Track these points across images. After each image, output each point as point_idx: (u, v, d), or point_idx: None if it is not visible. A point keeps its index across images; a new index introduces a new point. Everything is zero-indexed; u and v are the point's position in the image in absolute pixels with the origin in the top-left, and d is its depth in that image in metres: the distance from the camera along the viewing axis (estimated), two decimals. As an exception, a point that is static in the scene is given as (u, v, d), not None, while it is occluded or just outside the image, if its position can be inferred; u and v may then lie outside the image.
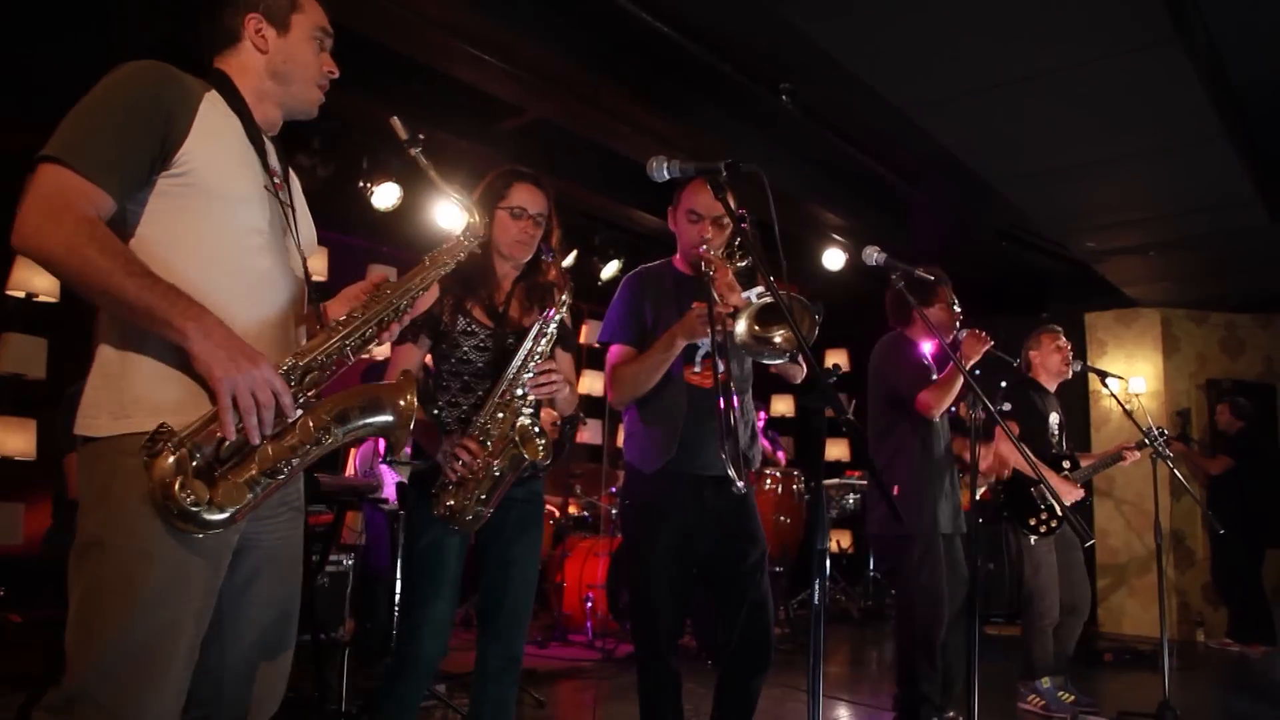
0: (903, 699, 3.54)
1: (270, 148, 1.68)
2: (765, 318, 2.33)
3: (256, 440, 1.41)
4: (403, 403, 1.58)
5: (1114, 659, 5.84)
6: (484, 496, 2.27)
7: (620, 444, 2.97)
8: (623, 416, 2.81)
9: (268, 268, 1.60)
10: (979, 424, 2.77)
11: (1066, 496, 4.29)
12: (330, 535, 4.10)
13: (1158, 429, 4.45)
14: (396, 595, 3.51)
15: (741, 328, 2.30)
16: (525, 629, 2.49)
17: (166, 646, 1.40)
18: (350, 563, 4.52)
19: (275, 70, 1.66)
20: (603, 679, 4.60)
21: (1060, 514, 4.28)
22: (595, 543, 5.75)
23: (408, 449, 2.58)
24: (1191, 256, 6.09)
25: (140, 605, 1.38)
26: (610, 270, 7.42)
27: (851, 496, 7.44)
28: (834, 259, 7.25)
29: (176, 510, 1.36)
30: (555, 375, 2.35)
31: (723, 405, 2.42)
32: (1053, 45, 3.49)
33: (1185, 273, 6.46)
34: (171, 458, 1.35)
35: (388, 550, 4.77)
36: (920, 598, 3.44)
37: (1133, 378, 7.49)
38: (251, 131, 1.63)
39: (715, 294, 2.43)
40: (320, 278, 6.39)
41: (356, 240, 6.55)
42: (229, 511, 1.40)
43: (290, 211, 1.68)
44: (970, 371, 3.52)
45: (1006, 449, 4.27)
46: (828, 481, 7.19)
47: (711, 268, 2.50)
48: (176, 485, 1.35)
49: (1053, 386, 4.59)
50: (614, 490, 6.12)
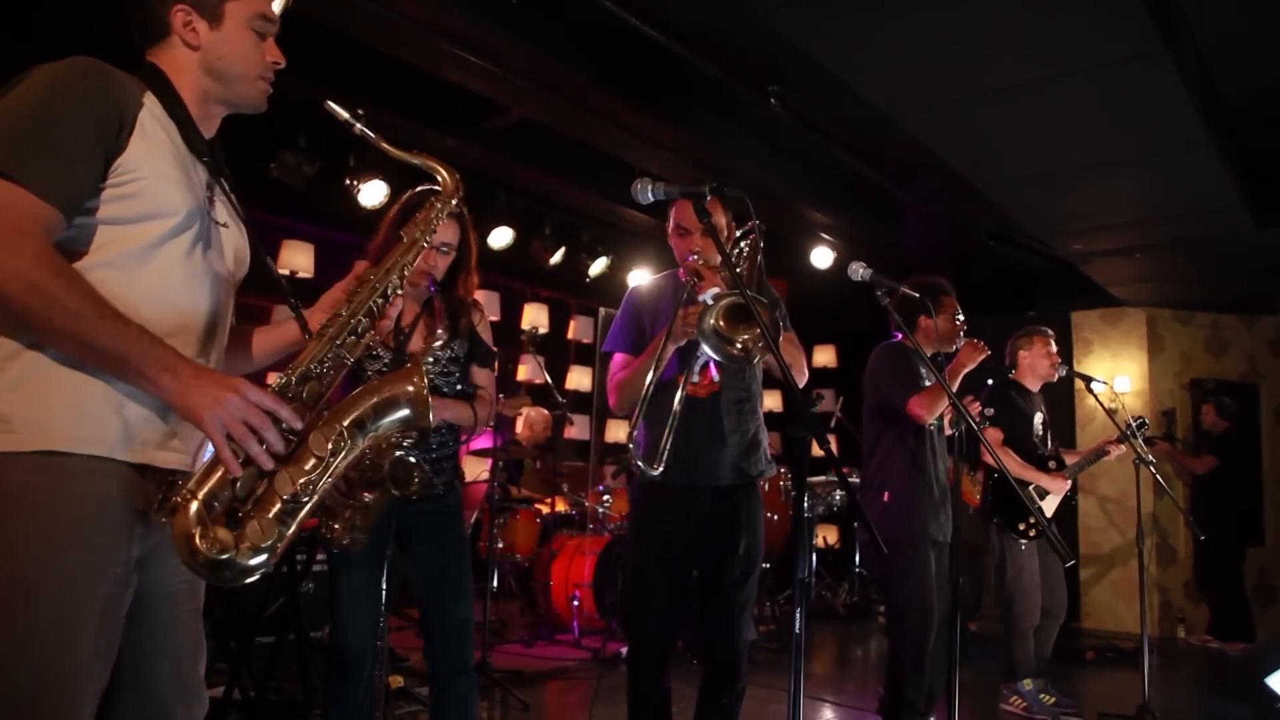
0: (888, 703, 3.56)
1: (210, 150, 1.56)
2: (733, 320, 2.33)
3: (268, 465, 1.32)
4: (412, 388, 1.51)
5: (1095, 657, 5.89)
6: (359, 522, 2.30)
7: (606, 440, 3.00)
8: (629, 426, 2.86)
9: (193, 289, 1.49)
10: (962, 440, 2.76)
11: (1054, 489, 4.31)
12: (313, 538, 4.09)
13: (1136, 419, 4.47)
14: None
15: (707, 328, 2.30)
16: (469, 635, 2.57)
17: (71, 689, 1.28)
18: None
19: (210, 67, 1.51)
20: (589, 680, 4.60)
21: (1047, 520, 4.31)
22: (582, 541, 5.75)
23: None
24: (1177, 259, 6.12)
25: (29, 643, 1.26)
26: (598, 267, 7.41)
27: (838, 493, 7.45)
28: (822, 257, 7.27)
29: (205, 563, 1.27)
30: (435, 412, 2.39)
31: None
32: (1041, 55, 3.49)
33: (1171, 274, 6.49)
34: (190, 510, 1.27)
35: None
36: (910, 605, 3.46)
37: (1118, 377, 7.54)
38: (189, 137, 1.51)
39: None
40: (307, 274, 6.36)
41: (343, 236, 6.50)
42: (264, 551, 1.31)
43: (219, 228, 1.56)
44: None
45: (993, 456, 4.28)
46: (814, 479, 7.20)
47: (698, 277, 2.52)
48: (197, 537, 1.27)
49: (1035, 388, 4.60)
50: (601, 488, 6.12)
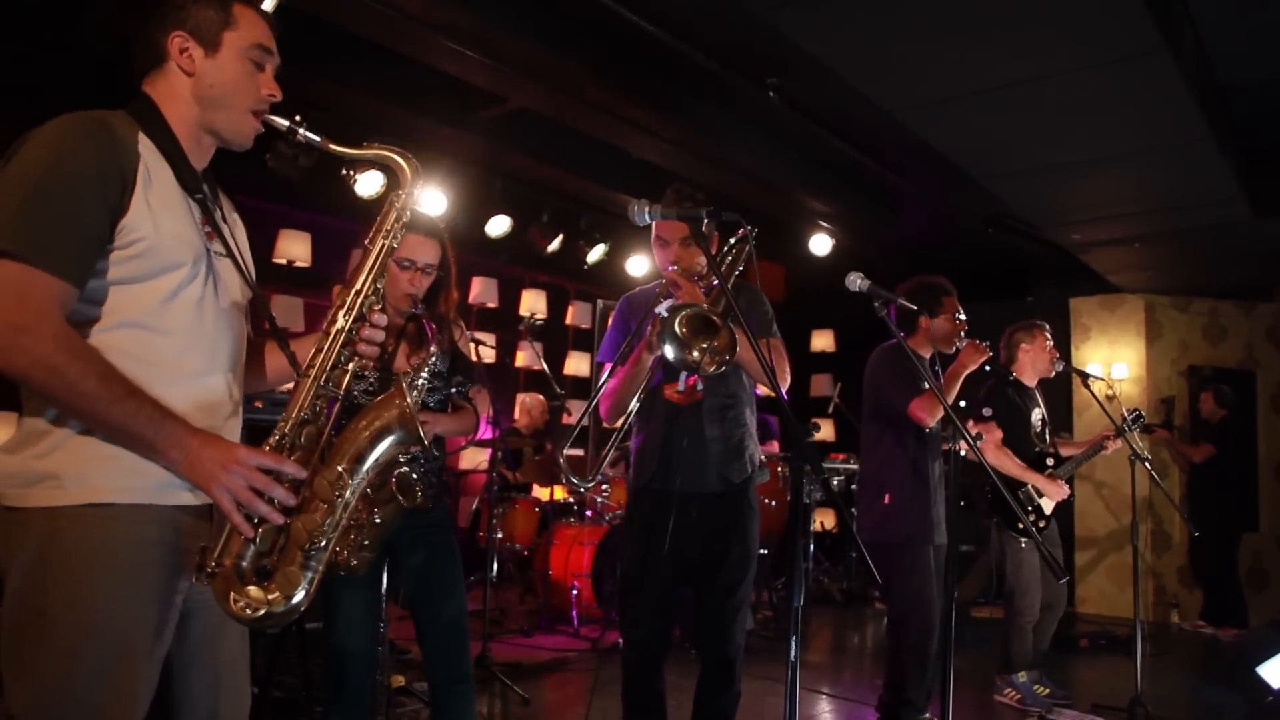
0: (887, 701, 3.60)
1: (202, 185, 1.55)
2: (696, 330, 2.33)
3: (279, 521, 1.40)
4: (398, 410, 1.54)
5: (1090, 645, 5.95)
6: (366, 542, 2.31)
7: (605, 428, 3.01)
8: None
9: (211, 326, 1.52)
10: (958, 452, 2.77)
11: (1054, 496, 4.32)
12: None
13: (1132, 412, 4.47)
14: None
15: (665, 338, 2.29)
16: (465, 644, 2.63)
17: (116, 716, 1.38)
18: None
19: (202, 95, 1.50)
20: (588, 671, 4.64)
21: (1047, 515, 4.33)
22: (581, 531, 5.77)
23: None
24: (1175, 248, 6.12)
25: (89, 679, 1.35)
26: (595, 254, 7.39)
27: (836, 480, 7.49)
28: (821, 245, 7.26)
29: (247, 621, 1.39)
30: (428, 429, 2.42)
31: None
32: (1040, 53, 3.46)
33: (1169, 262, 6.49)
34: (222, 578, 1.38)
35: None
36: (913, 606, 3.48)
37: (1116, 363, 7.56)
38: (182, 175, 1.50)
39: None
40: (304, 264, 6.35)
41: (340, 223, 6.48)
42: (296, 597, 1.40)
43: (221, 259, 1.57)
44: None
45: (993, 456, 4.29)
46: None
47: (675, 287, 2.54)
48: (233, 602, 1.38)
49: (1033, 383, 4.58)
50: (600, 477, 6.13)
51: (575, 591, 5.60)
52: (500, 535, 5.91)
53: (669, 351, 2.27)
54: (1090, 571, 7.57)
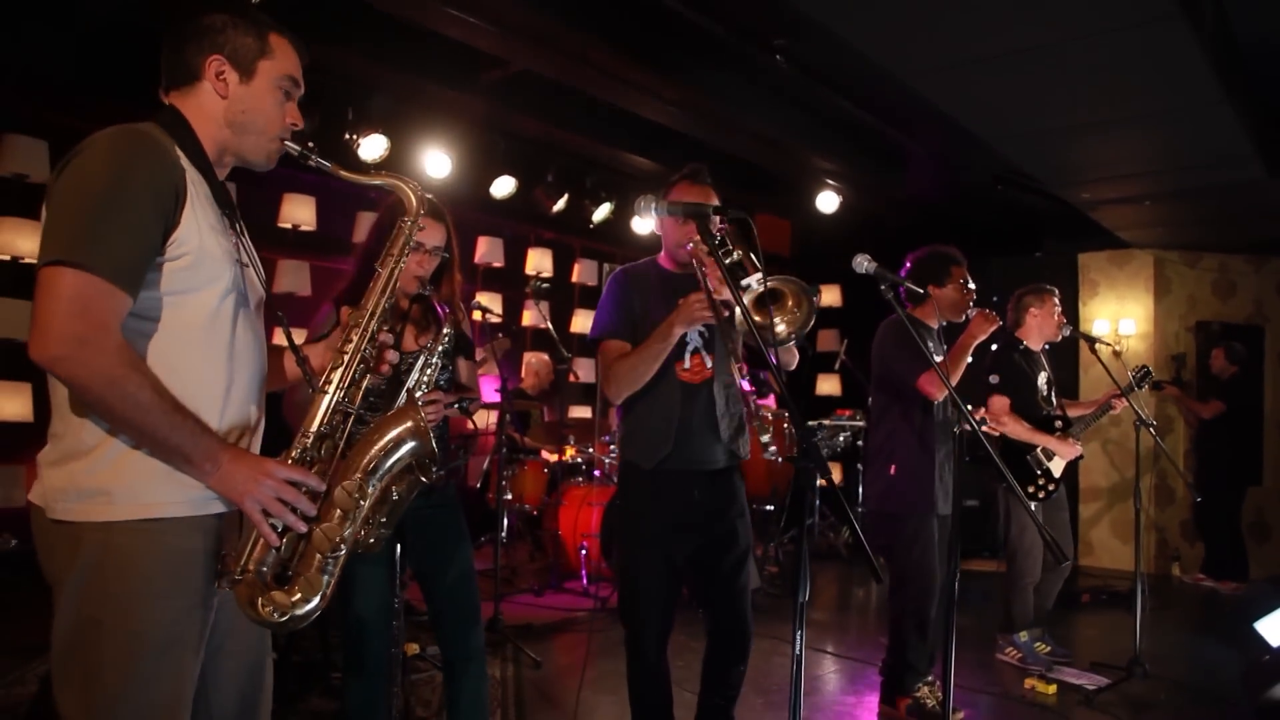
0: (890, 665, 3.69)
1: (229, 199, 1.61)
2: (762, 306, 2.35)
3: (303, 529, 1.47)
4: (413, 424, 1.63)
5: (1091, 599, 6.04)
6: (384, 520, 2.35)
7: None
8: (617, 417, 2.86)
9: (243, 337, 1.58)
10: (965, 435, 2.78)
11: (1066, 455, 4.34)
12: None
13: (1139, 370, 4.47)
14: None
15: (739, 315, 2.32)
16: (477, 621, 2.68)
17: (178, 715, 1.46)
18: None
19: (233, 119, 1.57)
20: (599, 631, 4.74)
21: (1055, 485, 4.36)
22: (589, 491, 5.83)
23: None
24: (1187, 206, 6.05)
25: (143, 682, 1.42)
26: (601, 213, 7.35)
27: (842, 435, 7.52)
28: (828, 202, 7.21)
29: (268, 623, 1.45)
30: (440, 405, 2.47)
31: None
32: (1052, 19, 3.39)
33: (1179, 219, 6.42)
34: (247, 584, 1.45)
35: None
36: (913, 574, 3.54)
37: (1123, 319, 7.54)
38: (215, 191, 1.56)
39: (710, 285, 2.42)
40: (309, 227, 6.33)
41: (345, 186, 6.44)
42: (315, 600, 1.48)
43: (249, 271, 1.63)
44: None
45: (1002, 423, 4.31)
46: (815, 423, 7.27)
47: (703, 263, 2.50)
48: (259, 606, 1.44)
49: (1039, 347, 4.57)
50: (607, 438, 6.19)
51: (584, 551, 5.69)
52: (510, 496, 5.99)
53: (787, 326, 2.27)
54: (1093, 525, 7.65)
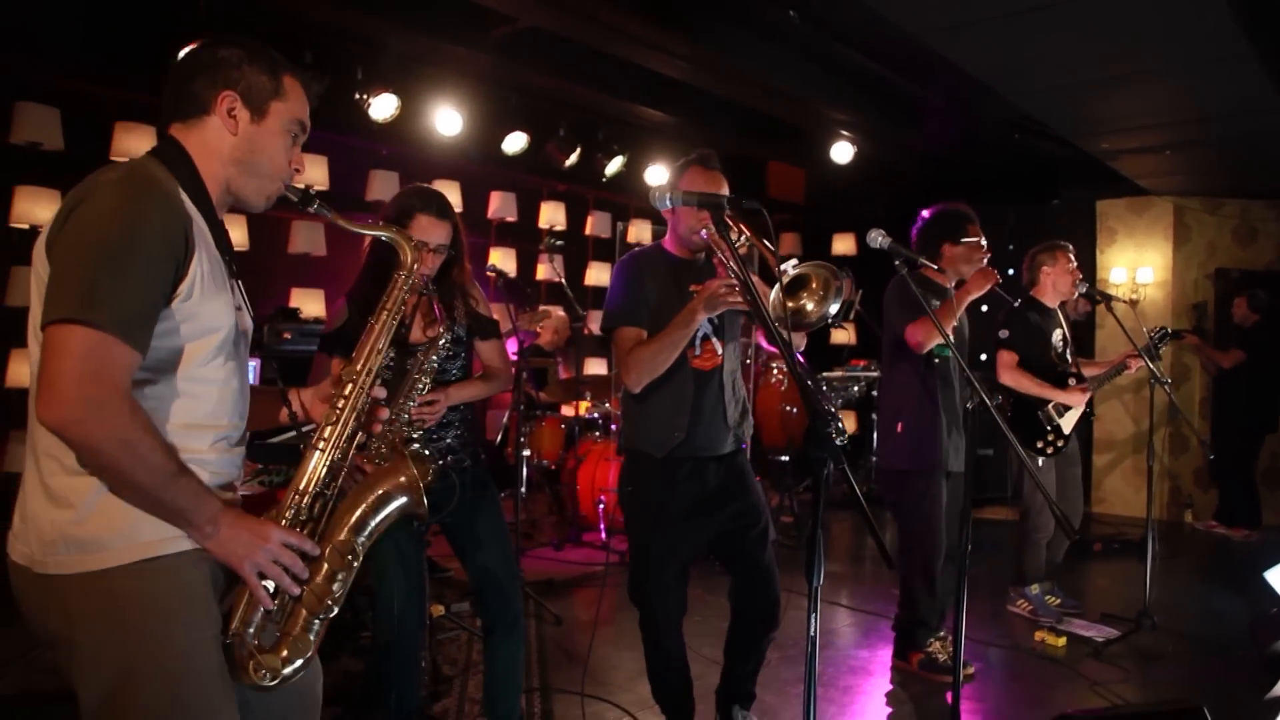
0: (902, 621, 3.78)
1: (228, 242, 1.56)
2: (790, 290, 2.37)
3: (296, 592, 1.47)
4: (404, 479, 1.63)
5: (1103, 549, 6.11)
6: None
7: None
8: (623, 405, 2.88)
9: (235, 384, 1.54)
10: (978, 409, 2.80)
11: (1076, 403, 4.35)
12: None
13: (1158, 331, 4.46)
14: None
15: (773, 300, 2.33)
16: (517, 586, 2.76)
17: None
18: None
19: (240, 159, 1.51)
20: (617, 585, 4.85)
21: (1064, 441, 4.38)
22: (607, 447, 5.90)
23: None
24: (1209, 154, 5.94)
25: (199, 715, 1.40)
26: (614, 166, 7.30)
27: (856, 386, 7.55)
28: (842, 152, 7.14)
29: (260, 688, 1.45)
30: (438, 407, 2.51)
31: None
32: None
33: (1201, 167, 6.32)
34: (238, 650, 1.44)
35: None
36: (920, 531, 3.61)
37: (1141, 268, 7.48)
38: (217, 235, 1.51)
39: (732, 269, 2.41)
40: (322, 186, 6.32)
41: (355, 141, 6.43)
42: (300, 660, 1.48)
43: (242, 313, 1.58)
44: (978, 301, 3.55)
45: (1010, 378, 4.33)
46: (830, 374, 7.30)
47: (719, 248, 2.50)
48: (251, 669, 1.44)
49: (1054, 304, 4.56)
50: (621, 393, 6.23)
51: (602, 506, 5.79)
52: (528, 452, 6.08)
53: (782, 313, 2.28)
54: (1107, 474, 7.69)
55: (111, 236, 1.31)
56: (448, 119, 6.03)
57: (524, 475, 5.36)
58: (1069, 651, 4.04)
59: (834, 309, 2.36)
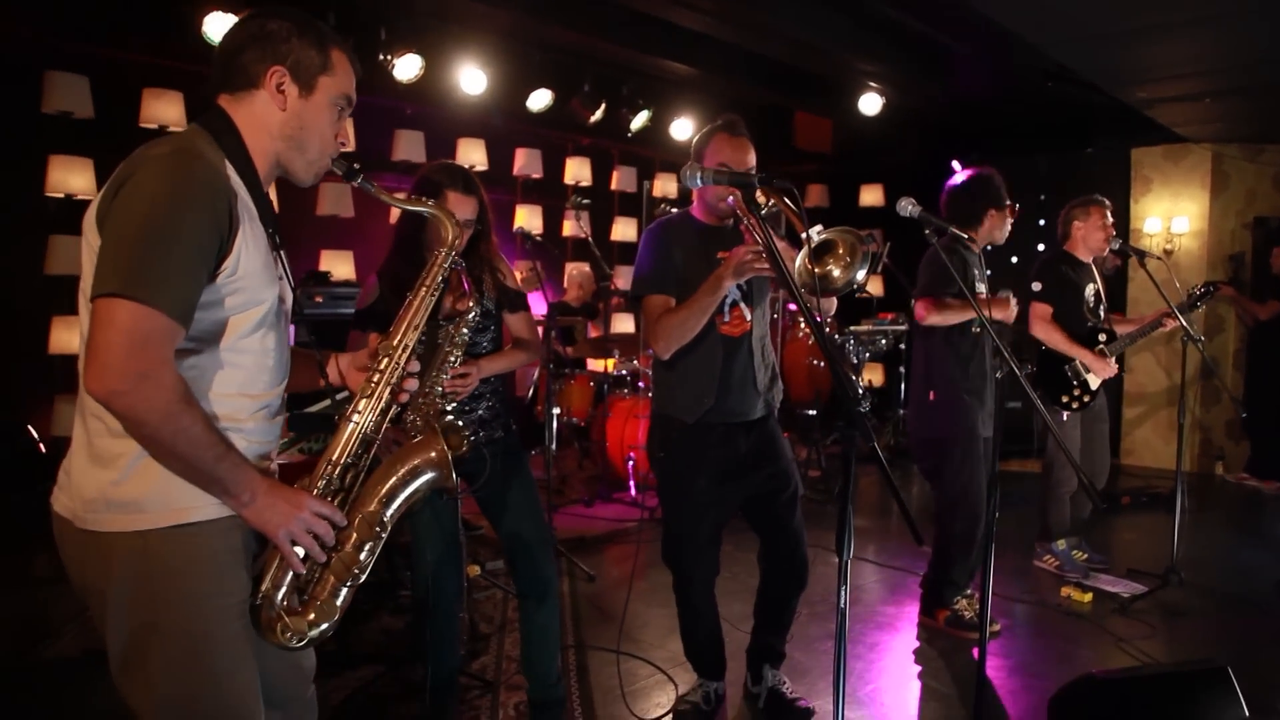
0: (931, 580, 3.83)
1: (273, 216, 1.58)
2: (816, 255, 2.38)
3: (324, 559, 1.52)
4: (434, 454, 1.68)
5: (1132, 502, 6.11)
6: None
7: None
8: (653, 371, 2.91)
9: (277, 355, 1.58)
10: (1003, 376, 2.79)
11: (1100, 373, 4.34)
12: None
13: (1200, 288, 4.42)
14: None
15: (798, 266, 2.36)
16: (549, 551, 2.83)
17: (249, 703, 1.51)
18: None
19: (289, 134, 1.54)
20: (648, 542, 4.93)
21: (1092, 396, 4.37)
22: (636, 404, 5.96)
23: None
24: (1250, 102, 5.78)
25: (214, 678, 1.46)
26: (639, 121, 7.24)
27: (883, 339, 7.53)
28: (870, 104, 7.03)
29: (284, 646, 1.51)
30: (470, 379, 2.54)
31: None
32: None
33: (1242, 115, 6.15)
34: (267, 611, 1.50)
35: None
36: (962, 499, 3.64)
37: (1176, 217, 7.34)
38: (262, 209, 1.53)
39: (758, 237, 2.42)
40: (348, 148, 6.30)
41: (380, 101, 6.42)
42: (326, 624, 1.54)
43: (283, 283, 1.60)
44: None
45: (1043, 331, 4.32)
46: (858, 328, 7.28)
47: (747, 216, 2.50)
48: (279, 630, 1.51)
49: (1088, 259, 4.51)
50: (650, 351, 6.26)
51: (631, 462, 5.87)
52: (558, 410, 6.15)
53: (808, 279, 2.30)
54: (1137, 425, 7.66)
55: (157, 213, 1.34)
56: (472, 78, 6.00)
57: (553, 432, 5.45)
58: (1095, 607, 4.09)
59: (860, 275, 2.37)
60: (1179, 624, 3.92)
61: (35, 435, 5.08)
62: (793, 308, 7.37)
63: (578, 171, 7.80)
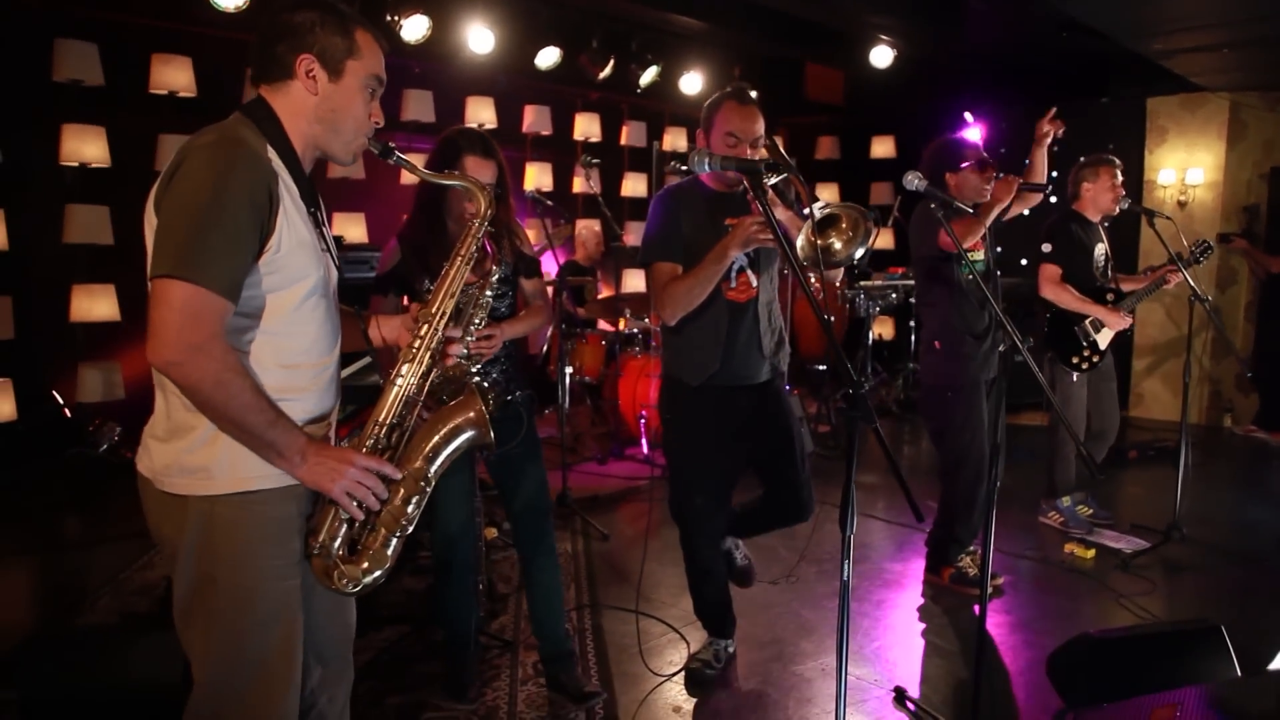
0: (936, 538, 3.92)
1: (315, 195, 1.69)
2: (819, 228, 2.43)
3: (377, 507, 1.65)
4: (474, 414, 1.80)
5: (1139, 456, 6.17)
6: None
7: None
8: (662, 334, 2.98)
9: (326, 326, 1.70)
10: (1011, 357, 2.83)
11: (1115, 325, 4.37)
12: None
13: (1199, 244, 4.43)
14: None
15: (801, 239, 2.41)
16: (549, 519, 2.94)
17: (287, 655, 1.66)
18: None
19: (323, 117, 1.64)
20: (660, 500, 5.03)
21: (1100, 357, 4.40)
22: (647, 362, 6.03)
23: None
24: (1270, 52, 5.68)
25: (258, 626, 1.62)
26: (648, 76, 7.19)
27: (894, 294, 7.55)
28: (881, 56, 6.95)
29: (340, 590, 1.64)
30: (495, 340, 2.59)
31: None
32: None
33: (1261, 64, 6.04)
34: (324, 559, 1.64)
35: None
36: (967, 456, 3.70)
37: (1191, 169, 7.27)
38: (303, 188, 1.64)
39: (764, 206, 2.47)
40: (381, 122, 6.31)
41: (388, 60, 6.37)
42: (379, 571, 1.66)
43: (327, 257, 1.71)
44: (1005, 210, 3.59)
45: (1052, 292, 4.34)
46: (869, 283, 7.29)
47: (753, 200, 2.53)
48: (335, 577, 1.64)
49: (1097, 219, 4.51)
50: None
51: (643, 421, 5.96)
52: (570, 370, 6.23)
53: (810, 251, 2.35)
54: (1146, 377, 7.68)
55: (203, 199, 1.47)
56: (480, 36, 5.96)
57: (566, 390, 5.53)
58: (1097, 563, 4.18)
59: (860, 251, 2.43)
60: (1179, 580, 4.01)
61: (60, 400, 5.20)
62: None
63: (587, 127, 7.77)
